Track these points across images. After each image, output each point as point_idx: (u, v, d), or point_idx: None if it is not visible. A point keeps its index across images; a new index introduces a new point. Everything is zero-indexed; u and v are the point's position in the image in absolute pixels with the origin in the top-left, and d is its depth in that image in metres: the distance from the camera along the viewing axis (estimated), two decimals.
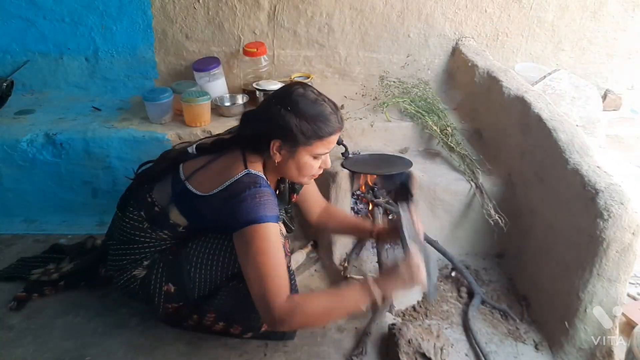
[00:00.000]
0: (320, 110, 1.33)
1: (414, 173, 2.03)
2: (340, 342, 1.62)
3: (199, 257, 1.43)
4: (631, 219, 1.37)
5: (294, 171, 1.41)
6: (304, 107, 1.32)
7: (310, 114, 1.32)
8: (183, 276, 1.44)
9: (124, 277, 1.50)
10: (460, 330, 1.68)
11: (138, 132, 2.18)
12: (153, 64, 2.62)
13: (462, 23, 2.60)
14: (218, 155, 1.43)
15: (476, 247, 2.06)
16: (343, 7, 2.54)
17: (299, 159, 1.37)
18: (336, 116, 1.36)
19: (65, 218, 2.25)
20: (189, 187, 1.38)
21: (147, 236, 1.47)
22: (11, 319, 1.69)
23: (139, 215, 1.47)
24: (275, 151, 1.36)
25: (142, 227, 1.46)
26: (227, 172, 1.34)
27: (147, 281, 1.48)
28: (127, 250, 1.49)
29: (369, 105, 2.43)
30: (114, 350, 1.57)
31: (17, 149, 2.16)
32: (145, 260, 1.49)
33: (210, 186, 1.35)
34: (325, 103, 1.36)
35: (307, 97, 1.34)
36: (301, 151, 1.36)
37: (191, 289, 1.46)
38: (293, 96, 1.33)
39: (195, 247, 1.44)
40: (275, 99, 1.36)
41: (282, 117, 1.31)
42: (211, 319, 1.55)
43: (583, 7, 2.57)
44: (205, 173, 1.39)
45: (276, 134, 1.34)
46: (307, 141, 1.34)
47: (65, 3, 2.46)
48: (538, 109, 1.84)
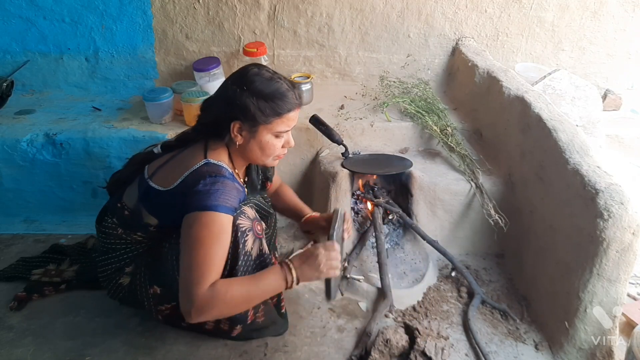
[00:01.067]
0: (276, 87, 1.35)
1: (413, 173, 2.03)
2: (341, 342, 1.62)
3: (175, 255, 1.40)
4: (631, 219, 1.37)
5: (257, 152, 1.41)
6: (259, 85, 1.33)
7: (266, 91, 1.33)
8: (166, 276, 1.43)
9: (112, 287, 1.54)
10: (461, 330, 1.68)
11: (138, 132, 2.19)
12: (153, 64, 2.62)
13: (462, 23, 2.60)
14: (182, 149, 1.45)
15: (476, 247, 2.06)
16: (343, 7, 2.54)
17: (261, 138, 1.38)
18: (293, 93, 1.38)
19: (65, 218, 2.25)
20: (152, 185, 1.39)
21: (123, 241, 1.49)
22: (11, 319, 1.69)
23: (112, 223, 1.49)
24: (236, 133, 1.37)
25: (117, 233, 1.48)
26: (187, 163, 1.35)
27: (133, 287, 1.50)
28: (108, 260, 1.51)
29: (369, 105, 2.43)
30: (114, 351, 1.57)
31: (17, 149, 2.17)
32: (126, 267, 1.51)
33: (172, 180, 1.35)
34: (281, 81, 1.37)
35: (262, 76, 1.35)
36: (262, 130, 1.37)
37: (176, 288, 1.43)
38: (248, 75, 1.35)
39: (169, 245, 1.43)
40: (231, 81, 1.38)
41: (239, 97, 1.32)
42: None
43: (583, 7, 2.57)
44: (167, 168, 1.41)
45: (235, 115, 1.34)
46: (266, 119, 1.35)
47: (66, 3, 2.46)
48: (538, 109, 1.84)
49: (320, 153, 2.22)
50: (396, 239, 2.05)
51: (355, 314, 1.75)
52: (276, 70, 1.43)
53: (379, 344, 1.52)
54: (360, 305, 1.78)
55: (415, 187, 2.02)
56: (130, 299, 1.53)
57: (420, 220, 2.02)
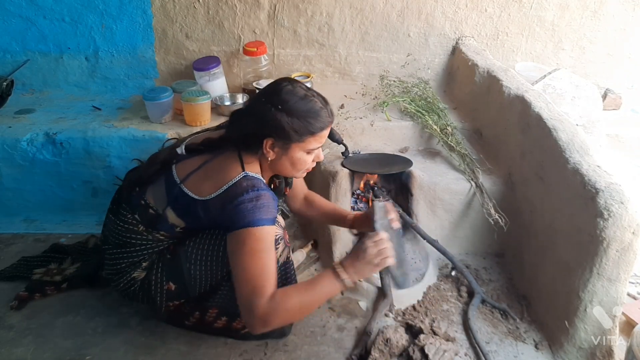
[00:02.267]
0: (310, 107, 1.34)
1: (414, 172, 2.03)
2: (341, 341, 1.62)
3: (197, 254, 1.44)
4: (631, 218, 1.37)
5: (287, 167, 1.42)
6: (294, 104, 1.32)
7: (300, 110, 1.32)
8: (183, 274, 1.45)
9: (123, 281, 1.50)
10: (460, 329, 1.68)
11: (138, 131, 2.19)
12: (153, 64, 2.62)
13: (462, 22, 2.60)
14: (212, 155, 1.42)
15: (476, 247, 2.06)
16: (343, 6, 2.54)
17: (292, 155, 1.38)
18: (326, 110, 1.37)
19: (65, 217, 2.25)
20: (186, 191, 1.38)
21: (144, 238, 1.47)
22: (11, 318, 1.69)
23: (133, 219, 1.46)
24: (269, 149, 1.36)
25: (138, 229, 1.46)
26: (225, 174, 1.34)
27: (147, 282, 1.48)
28: (124, 254, 1.48)
29: (369, 105, 2.43)
30: (115, 350, 1.57)
31: (17, 148, 2.17)
32: (143, 262, 1.49)
33: (209, 190, 1.35)
34: (314, 98, 1.36)
35: (297, 94, 1.34)
36: (294, 148, 1.37)
37: (192, 286, 1.47)
38: (282, 94, 1.33)
39: (193, 244, 1.45)
40: (264, 97, 1.36)
41: (272, 116, 1.31)
42: (213, 315, 1.55)
43: (583, 6, 2.57)
44: (201, 175, 1.39)
45: (268, 133, 1.34)
46: (299, 138, 1.35)
47: (65, 2, 2.46)
48: (538, 108, 1.84)
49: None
50: None
51: (355, 313, 1.75)
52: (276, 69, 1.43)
53: (379, 343, 1.53)
54: (360, 305, 1.78)
55: (415, 187, 2.02)
56: (139, 293, 1.51)
57: (421, 220, 2.02)
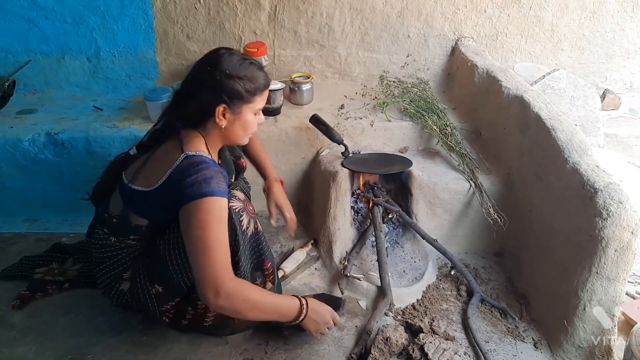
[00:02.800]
0: (252, 68, 1.40)
1: (413, 172, 2.04)
2: (341, 340, 1.63)
3: (170, 250, 1.43)
4: (630, 218, 1.38)
5: (239, 132, 1.46)
6: (239, 67, 1.38)
7: (246, 72, 1.38)
8: (164, 274, 1.45)
9: (113, 295, 1.54)
10: (460, 328, 1.68)
11: (139, 131, 2.19)
12: (154, 64, 2.63)
13: (462, 23, 2.61)
14: (155, 148, 1.46)
15: (475, 246, 2.07)
16: (343, 7, 2.55)
17: (244, 118, 1.43)
18: (264, 71, 1.45)
19: (67, 217, 2.26)
20: (134, 188, 1.41)
21: (117, 248, 1.49)
22: (13, 317, 1.70)
23: (103, 233, 1.50)
24: (221, 117, 1.39)
25: (110, 242, 1.49)
26: (167, 161, 1.37)
27: (134, 291, 1.50)
28: (104, 269, 1.52)
29: (369, 105, 2.43)
30: (116, 349, 1.58)
31: (19, 148, 2.17)
32: (124, 273, 1.51)
33: (155, 179, 1.37)
34: (253, 60, 1.43)
35: (237, 56, 1.39)
36: (245, 110, 1.42)
37: (177, 283, 1.46)
38: (226, 60, 1.37)
39: (164, 242, 1.45)
40: (209, 67, 1.37)
41: (223, 82, 1.35)
42: (203, 307, 1.55)
43: (582, 7, 2.58)
44: (147, 170, 1.42)
45: (221, 99, 1.37)
46: (251, 98, 1.40)
47: (67, 3, 2.47)
48: (537, 109, 1.85)
49: (320, 152, 2.23)
50: (396, 237, 2.06)
51: (355, 312, 1.75)
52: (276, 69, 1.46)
53: (379, 342, 1.54)
54: (360, 304, 1.79)
55: (414, 187, 2.03)
56: (133, 303, 1.53)
57: (420, 219, 2.03)
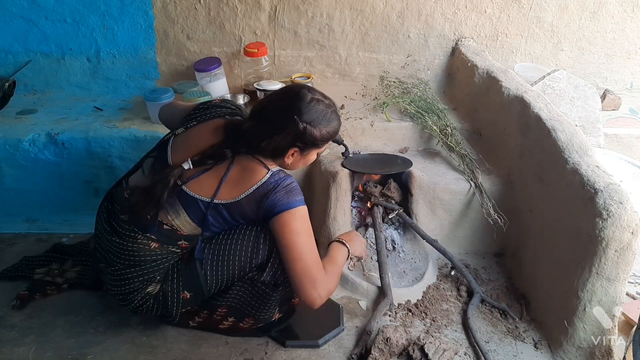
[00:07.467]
0: (333, 116, 1.44)
1: (413, 172, 2.04)
2: (341, 340, 1.63)
3: (211, 259, 1.44)
4: (630, 218, 1.38)
5: (299, 166, 1.53)
6: (323, 118, 1.40)
7: (328, 122, 1.42)
8: (199, 281, 1.46)
9: (137, 298, 1.47)
10: (460, 329, 1.68)
11: (140, 132, 2.19)
12: (154, 64, 2.63)
13: (462, 23, 2.61)
14: (224, 165, 1.41)
15: (475, 246, 2.07)
16: (343, 7, 2.55)
17: (309, 157, 1.50)
18: (337, 113, 1.47)
19: (66, 217, 2.26)
20: (219, 202, 1.41)
21: (157, 254, 1.45)
22: (13, 317, 1.70)
23: (144, 237, 1.43)
24: (290, 157, 1.43)
25: (150, 247, 1.44)
26: (251, 178, 1.40)
27: (162, 295, 1.48)
28: (137, 272, 1.45)
29: (369, 105, 2.43)
30: (116, 349, 1.58)
31: (19, 148, 2.17)
32: (158, 276, 1.48)
33: (236, 193, 1.40)
34: (334, 107, 1.45)
35: (323, 106, 1.40)
36: (312, 152, 1.47)
37: (207, 291, 1.48)
38: (313, 110, 1.38)
39: (207, 251, 1.45)
40: (294, 114, 1.36)
41: (301, 129, 1.36)
42: (222, 314, 1.55)
43: (582, 7, 2.58)
44: (228, 185, 1.41)
45: (296, 145, 1.41)
46: (322, 144, 1.46)
47: (67, 3, 2.47)
48: (537, 109, 1.85)
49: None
50: (396, 238, 2.06)
51: (355, 312, 1.75)
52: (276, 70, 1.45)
53: (379, 343, 1.53)
54: (360, 304, 1.79)
55: (415, 187, 2.03)
56: (154, 307, 1.49)
57: (420, 220, 2.03)
